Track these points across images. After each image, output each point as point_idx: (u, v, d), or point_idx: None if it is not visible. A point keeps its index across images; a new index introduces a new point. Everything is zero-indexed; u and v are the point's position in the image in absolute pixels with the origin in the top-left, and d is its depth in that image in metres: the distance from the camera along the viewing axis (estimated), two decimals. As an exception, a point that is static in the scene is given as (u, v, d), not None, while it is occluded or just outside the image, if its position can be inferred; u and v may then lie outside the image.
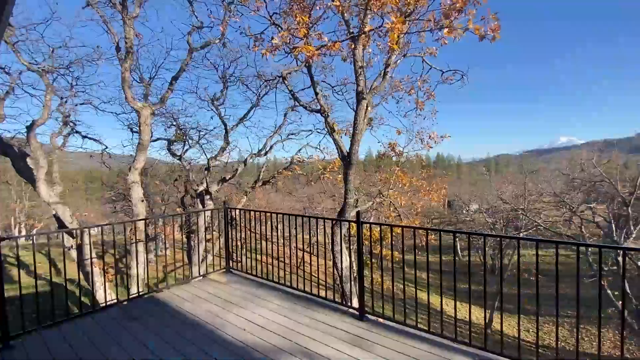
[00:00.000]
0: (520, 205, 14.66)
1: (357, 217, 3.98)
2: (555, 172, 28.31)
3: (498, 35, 3.89)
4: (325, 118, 6.43)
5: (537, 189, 16.83)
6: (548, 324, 16.72)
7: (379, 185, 12.84)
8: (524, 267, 15.13)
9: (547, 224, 12.67)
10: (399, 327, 3.53)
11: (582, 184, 14.96)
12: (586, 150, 29.35)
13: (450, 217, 39.29)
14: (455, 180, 79.47)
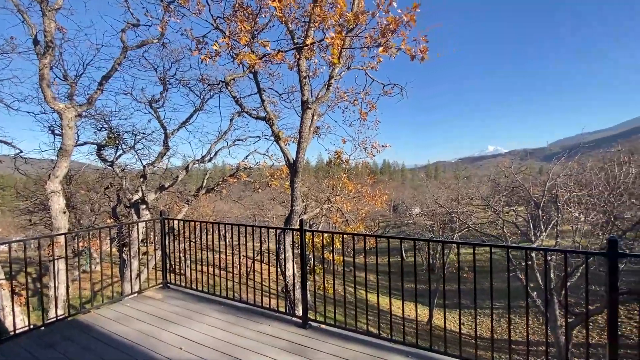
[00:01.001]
0: (454, 209, 16.15)
1: (300, 225, 4.02)
2: (484, 178, 31.53)
3: (426, 56, 4.29)
4: (271, 126, 6.41)
5: (469, 193, 18.72)
6: (480, 315, 18.47)
7: (327, 191, 13.13)
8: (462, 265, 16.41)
9: (476, 226, 14.15)
10: (341, 332, 3.63)
11: (505, 188, 16.85)
12: (508, 158, 33.34)
13: (395, 220, 41.52)
14: (400, 185, 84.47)
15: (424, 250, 22.79)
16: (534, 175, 17.79)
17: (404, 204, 37.67)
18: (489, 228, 14.56)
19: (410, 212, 34.75)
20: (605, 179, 11.09)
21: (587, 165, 15.26)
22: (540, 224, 11.29)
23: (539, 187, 13.87)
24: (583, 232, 13.08)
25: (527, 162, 51.02)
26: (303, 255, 4.04)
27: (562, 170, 12.06)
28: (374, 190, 10.89)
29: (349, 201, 10.12)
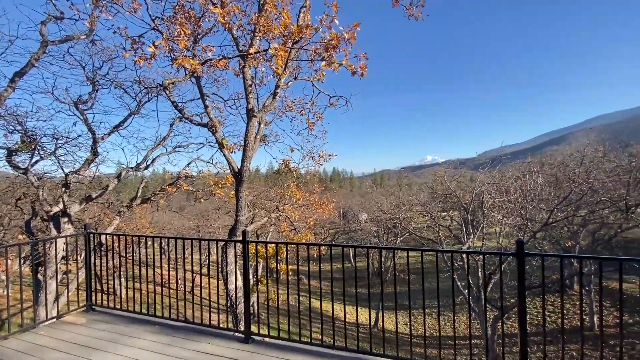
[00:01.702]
0: (396, 215, 17.16)
1: (242, 236, 3.92)
2: (423, 186, 33.95)
3: (365, 72, 4.55)
4: (214, 133, 6.19)
5: (409, 200, 20.08)
6: (422, 315, 19.63)
7: (276, 200, 13.01)
8: (400, 268, 17.28)
9: (416, 230, 15.21)
10: (284, 344, 3.60)
11: (441, 195, 18.32)
12: (444, 167, 36.50)
13: (344, 226, 42.55)
14: (349, 192, 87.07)
15: (370, 255, 23.68)
16: (465, 183, 19.69)
17: (352, 211, 38.84)
18: (427, 232, 15.71)
19: (358, 219, 35.93)
20: (520, 186, 12.75)
21: (507, 175, 17.35)
22: (469, 227, 12.50)
23: (469, 193, 15.40)
24: (504, 233, 14.80)
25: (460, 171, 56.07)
26: (245, 267, 3.93)
27: (486, 179, 13.55)
28: (321, 199, 11.08)
29: (297, 210, 10.14)
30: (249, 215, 10.53)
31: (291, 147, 8.43)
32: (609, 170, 15.54)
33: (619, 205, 12.42)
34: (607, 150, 18.88)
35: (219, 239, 4.51)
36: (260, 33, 4.96)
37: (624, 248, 21.18)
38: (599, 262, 2.80)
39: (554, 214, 10.50)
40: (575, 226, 15.35)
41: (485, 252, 2.95)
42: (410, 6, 6.17)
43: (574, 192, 12.14)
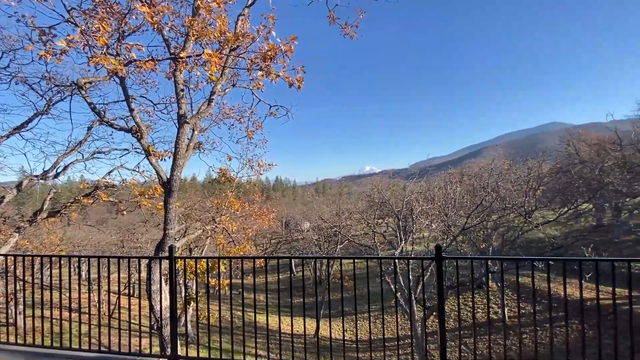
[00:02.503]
0: (336, 223, 17.68)
1: (169, 252, 3.64)
2: (362, 194, 35.45)
3: (302, 85, 4.66)
4: (139, 139, 5.68)
5: (348, 208, 20.86)
6: (361, 320, 20.26)
7: (212, 211, 12.36)
8: (339, 275, 17.60)
9: (355, 238, 15.83)
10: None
11: (377, 203, 19.32)
12: (380, 177, 38.70)
13: (287, 236, 42.21)
14: (292, 201, 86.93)
15: (310, 264, 23.85)
16: (399, 192, 21.17)
17: (294, 220, 38.78)
18: (364, 239, 16.43)
19: (300, 228, 35.97)
20: (444, 195, 14.16)
21: (434, 184, 19.10)
22: (400, 233, 13.43)
23: (401, 201, 16.58)
24: (432, 237, 16.21)
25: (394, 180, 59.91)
26: (173, 286, 3.64)
27: (415, 188, 14.77)
28: (262, 209, 10.85)
29: (235, 220, 9.76)
30: (181, 228, 9.81)
31: (229, 156, 8.15)
32: (514, 181, 18.19)
33: (520, 210, 14.57)
34: (512, 164, 22.07)
35: (142, 257, 4.12)
36: (193, 37, 4.76)
37: (526, 247, 24.76)
38: (500, 262, 3.24)
39: (470, 219, 11.92)
40: (488, 230, 17.53)
41: (409, 257, 3.21)
42: (346, 25, 6.53)
43: (486, 200, 13.90)
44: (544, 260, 3.44)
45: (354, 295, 3.53)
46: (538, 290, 18.56)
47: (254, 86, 7.15)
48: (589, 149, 23.38)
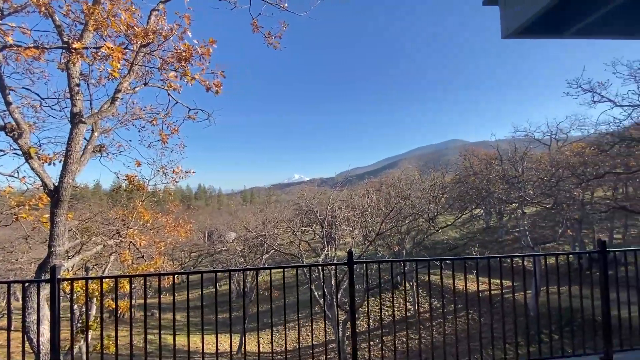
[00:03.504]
0: (262, 232, 17.34)
1: (51, 273, 3.08)
2: (290, 202, 35.51)
3: (220, 90, 4.51)
4: (16, 139, 4.73)
5: (275, 217, 20.70)
6: (289, 330, 20.05)
7: (117, 223, 10.90)
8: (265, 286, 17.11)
9: (281, 247, 15.75)
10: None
11: (305, 211, 19.59)
12: (308, 186, 39.45)
13: (209, 248, 39.64)
14: (216, 211, 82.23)
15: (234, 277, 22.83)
16: (326, 200, 21.90)
17: (218, 231, 36.70)
18: (290, 247, 16.47)
19: (225, 239, 34.19)
20: (363, 203, 15.17)
21: (356, 193, 20.27)
22: (324, 240, 13.87)
23: (326, 209, 17.15)
24: (354, 242, 17.13)
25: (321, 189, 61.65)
26: (55, 313, 3.08)
27: (338, 196, 15.49)
28: (178, 219, 9.96)
29: (145, 233, 8.76)
30: (75, 244, 8.39)
31: (138, 161, 7.34)
32: (423, 190, 20.49)
33: (426, 216, 16.47)
34: (421, 174, 24.83)
35: (15, 280, 3.41)
36: (91, 27, 4.21)
37: (432, 248, 27.93)
38: (403, 263, 3.61)
39: (384, 225, 13.01)
40: (402, 234, 19.31)
41: (323, 264, 3.32)
42: (270, 35, 6.58)
43: (398, 206, 15.35)
44: (441, 260, 3.94)
45: (277, 305, 3.49)
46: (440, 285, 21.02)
47: (168, 87, 6.65)
48: (480, 163, 27.75)
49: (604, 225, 23.61)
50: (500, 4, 1.98)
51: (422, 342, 15.70)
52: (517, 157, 20.23)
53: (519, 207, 19.17)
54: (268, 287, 3.91)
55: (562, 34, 1.99)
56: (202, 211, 74.52)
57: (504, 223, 30.30)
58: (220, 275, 34.58)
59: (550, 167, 18.24)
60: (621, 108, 12.92)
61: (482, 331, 3.98)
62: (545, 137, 22.98)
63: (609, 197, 22.66)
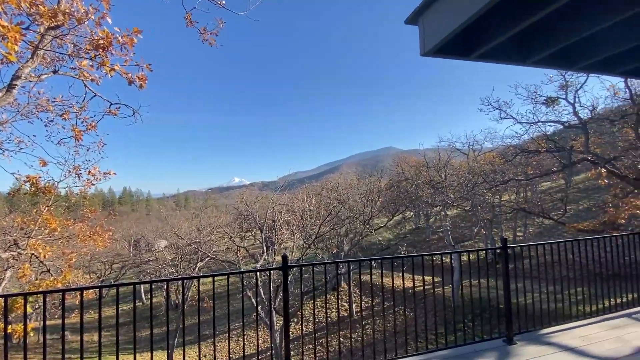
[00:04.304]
0: (196, 239, 16.26)
1: None
2: (229, 207, 34.09)
3: (145, 84, 4.15)
4: None
5: (211, 223, 19.63)
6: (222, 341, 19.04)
7: (15, 232, 9.21)
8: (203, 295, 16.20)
9: (216, 254, 14.96)
10: None
11: (245, 216, 18.95)
12: (249, 189, 38.35)
13: (135, 257, 35.89)
14: (144, 217, 74.99)
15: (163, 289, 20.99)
16: (267, 204, 21.50)
17: (145, 239, 33.48)
18: (228, 255, 15.78)
19: (154, 247, 31.33)
20: (303, 207, 15.29)
21: (298, 197, 20.33)
22: (264, 245, 13.62)
23: (265, 214, 16.84)
24: (297, 246, 17.12)
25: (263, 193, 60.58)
26: None
27: (278, 200, 15.37)
28: (93, 227, 8.78)
29: (51, 244, 7.55)
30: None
31: (43, 160, 6.34)
32: (360, 193, 21.46)
33: (362, 218, 17.28)
34: (360, 179, 25.99)
35: None
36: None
37: (369, 249, 29.34)
38: (337, 265, 3.71)
39: (322, 228, 13.28)
40: (340, 237, 19.93)
41: (256, 269, 3.24)
42: (205, 31, 6.27)
43: (335, 210, 15.82)
44: (371, 260, 4.14)
45: (224, 313, 3.28)
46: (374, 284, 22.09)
47: (83, 77, 5.90)
48: (410, 169, 30.12)
49: (509, 224, 27.45)
50: (419, 24, 2.18)
51: (356, 341, 16.28)
52: (441, 165, 22.49)
53: (443, 210, 21.28)
54: (203, 298, 3.67)
55: (469, 57, 2.27)
56: (128, 217, 67.55)
57: (430, 224, 33.29)
58: (147, 286, 31.60)
59: (467, 174, 20.66)
60: (521, 124, 15.27)
61: (410, 325, 4.29)
62: (465, 147, 26.01)
63: (513, 201, 26.49)
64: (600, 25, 2.10)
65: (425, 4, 2.06)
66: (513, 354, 3.52)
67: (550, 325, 4.17)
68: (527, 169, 18.03)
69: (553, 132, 16.35)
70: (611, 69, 2.90)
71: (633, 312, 4.54)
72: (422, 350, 3.69)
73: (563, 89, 14.07)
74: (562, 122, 14.72)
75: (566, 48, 2.48)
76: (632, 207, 13.39)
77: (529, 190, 28.97)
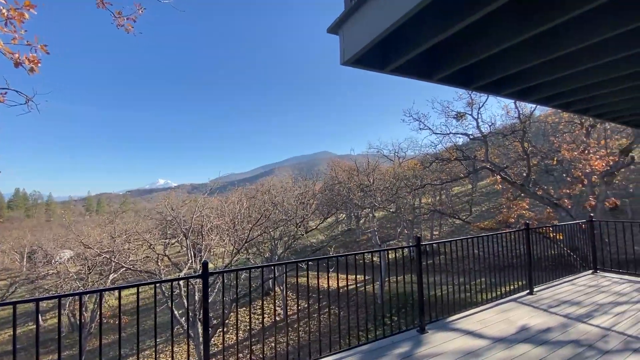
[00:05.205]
0: (110, 248, 14.29)
1: None
2: (152, 211, 31.06)
3: (37, 68, 3.53)
4: None
5: (127, 229, 17.52)
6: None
7: None
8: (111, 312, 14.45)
9: (133, 264, 13.35)
10: None
11: (170, 221, 17.44)
12: (176, 192, 35.47)
13: (29, 272, 30.14)
14: (44, 223, 63.88)
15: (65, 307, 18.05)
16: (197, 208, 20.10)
17: (43, 250, 28.42)
18: (147, 264, 14.27)
19: (55, 259, 26.75)
20: (234, 210, 14.74)
21: (230, 199, 19.50)
22: (190, 252, 12.71)
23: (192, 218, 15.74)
24: (226, 252, 16.33)
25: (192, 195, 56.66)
26: None
27: (207, 203, 14.53)
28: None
29: None
30: None
31: None
32: (296, 196, 21.57)
33: (295, 221, 17.40)
34: (295, 182, 26.13)
35: None
36: None
37: (303, 252, 29.62)
38: (262, 269, 3.65)
39: (252, 232, 12.98)
40: (274, 240, 19.74)
41: (174, 278, 2.99)
42: (120, 15, 5.61)
43: (269, 213, 15.64)
44: (297, 262, 4.17)
45: (129, 332, 2.89)
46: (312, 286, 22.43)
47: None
48: (343, 173, 31.43)
49: (427, 224, 30.48)
50: (340, 35, 2.28)
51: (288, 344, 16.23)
52: (370, 170, 23.98)
53: (371, 212, 22.66)
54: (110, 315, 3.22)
55: (384, 69, 2.45)
56: (20, 224, 56.95)
57: (360, 225, 35.15)
58: (46, 304, 26.97)
59: (393, 178, 22.40)
60: (436, 135, 17.19)
61: (341, 324, 4.42)
62: (391, 154, 28.21)
63: (430, 203, 29.54)
64: (493, 50, 2.46)
65: (344, 16, 2.16)
66: (424, 342, 3.88)
67: (456, 313, 4.72)
68: (441, 174, 20.30)
69: (463, 143, 18.80)
70: (499, 91, 3.43)
71: (518, 297, 5.40)
72: (345, 347, 3.83)
73: (469, 106, 16.26)
74: (468, 134, 17.00)
75: (465, 69, 2.86)
76: (519, 208, 16.07)
77: (444, 193, 32.66)
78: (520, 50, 2.70)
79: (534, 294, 5.47)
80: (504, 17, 2.23)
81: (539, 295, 5.40)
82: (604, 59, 2.67)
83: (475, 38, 2.50)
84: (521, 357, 3.40)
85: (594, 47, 2.54)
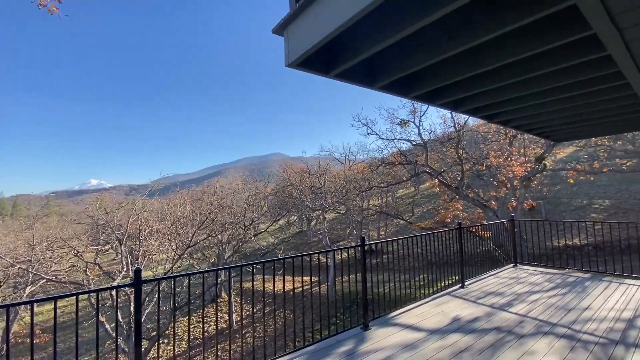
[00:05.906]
0: (27, 257, 12.37)
1: None
2: (81, 215, 27.79)
3: None
4: None
5: (51, 235, 15.38)
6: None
7: None
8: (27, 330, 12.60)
9: (54, 274, 11.74)
10: None
11: (103, 225, 15.76)
12: (110, 193, 32.17)
13: None
14: (-64, 231, 53.61)
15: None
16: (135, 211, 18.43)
17: None
18: (73, 274, 12.69)
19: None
20: (176, 213, 13.85)
21: (173, 202, 18.27)
22: (124, 259, 11.62)
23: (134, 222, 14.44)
24: (167, 258, 15.24)
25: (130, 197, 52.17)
26: None
27: (145, 206, 13.44)
28: None
29: None
30: None
31: None
32: (245, 199, 20.99)
33: (245, 224, 16.94)
34: (245, 183, 25.42)
35: None
36: None
37: (253, 255, 28.90)
38: (203, 274, 3.49)
39: (195, 236, 12.32)
40: (222, 244, 18.96)
41: (101, 288, 2.69)
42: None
43: (215, 215, 14.99)
44: (242, 265, 4.05)
45: (50, 352, 2.48)
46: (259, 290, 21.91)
47: None
48: (295, 175, 31.42)
49: (375, 225, 31.80)
50: (284, 36, 2.27)
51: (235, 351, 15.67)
52: (321, 172, 24.31)
53: (322, 213, 22.96)
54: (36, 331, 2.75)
55: (329, 74, 2.51)
56: None
57: (311, 227, 35.42)
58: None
59: (343, 181, 22.99)
60: (382, 140, 18.09)
61: (289, 326, 4.37)
62: (342, 157, 28.91)
63: (377, 205, 30.86)
64: (425, 63, 2.64)
65: (289, 18, 2.16)
66: (367, 338, 4.02)
67: (397, 309, 4.97)
68: (387, 178, 21.37)
69: (406, 148, 20.02)
70: (434, 100, 3.72)
71: (452, 291, 5.86)
72: (291, 349, 3.81)
73: (412, 114, 17.38)
74: (411, 140, 18.17)
75: (403, 78, 3.04)
76: (455, 209, 17.55)
77: (390, 196, 34.38)
78: (451, 65, 2.95)
79: (465, 287, 6.00)
80: (434, 34, 2.42)
81: (469, 289, 5.93)
82: (524, 75, 3.03)
83: (410, 50, 2.67)
84: (452, 346, 3.70)
85: (513, 64, 2.88)
